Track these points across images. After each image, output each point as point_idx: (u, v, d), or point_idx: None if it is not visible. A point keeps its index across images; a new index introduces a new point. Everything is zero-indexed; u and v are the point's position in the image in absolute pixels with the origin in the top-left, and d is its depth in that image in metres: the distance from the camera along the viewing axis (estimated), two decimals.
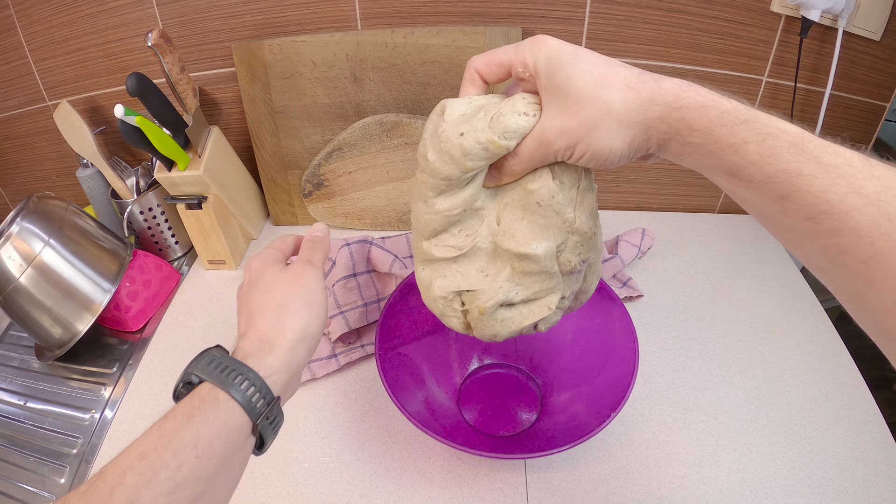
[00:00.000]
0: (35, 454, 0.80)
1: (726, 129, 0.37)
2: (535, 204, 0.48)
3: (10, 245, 0.82)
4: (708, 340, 0.86)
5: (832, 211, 0.32)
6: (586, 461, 0.72)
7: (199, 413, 0.41)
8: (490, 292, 0.51)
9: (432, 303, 0.55)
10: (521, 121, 0.46)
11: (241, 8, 0.93)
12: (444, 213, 0.50)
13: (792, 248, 0.37)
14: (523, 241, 0.49)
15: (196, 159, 0.93)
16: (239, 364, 0.44)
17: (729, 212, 1.12)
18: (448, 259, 0.53)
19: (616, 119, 0.41)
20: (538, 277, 0.51)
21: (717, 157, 0.38)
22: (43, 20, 0.96)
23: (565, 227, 0.49)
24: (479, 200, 0.51)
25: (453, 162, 0.48)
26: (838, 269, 0.33)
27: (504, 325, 0.53)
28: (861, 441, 0.73)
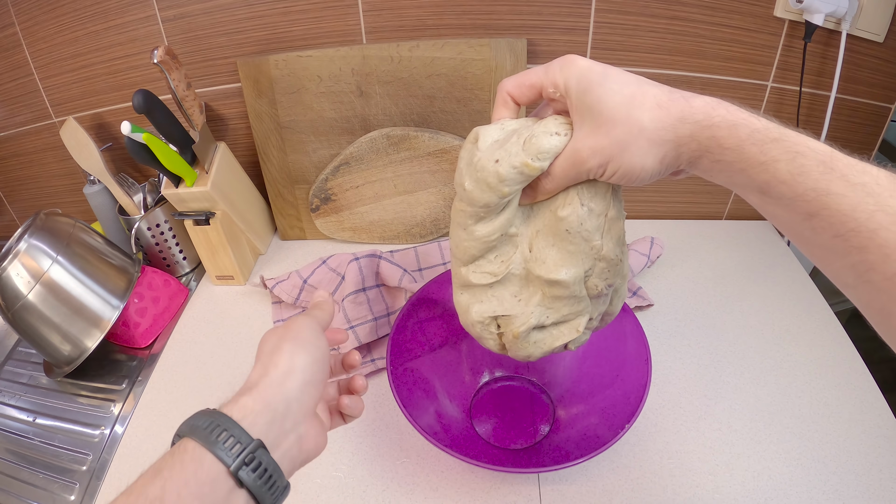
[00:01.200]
0: (45, 471, 0.79)
1: (757, 148, 0.38)
2: (564, 231, 0.50)
3: (18, 262, 0.83)
4: (719, 348, 0.86)
5: (860, 229, 0.33)
6: (600, 472, 0.71)
7: (168, 466, 0.39)
8: (523, 317, 0.55)
9: (470, 326, 0.59)
10: (554, 141, 0.47)
11: (247, 24, 0.94)
12: (483, 238, 0.53)
13: (820, 264, 0.38)
14: (553, 268, 0.52)
15: (203, 175, 0.93)
16: (211, 412, 0.42)
17: (737, 218, 1.12)
18: (485, 285, 0.55)
19: (647, 138, 0.42)
20: (567, 302, 0.53)
21: (747, 175, 0.39)
22: (48, 37, 0.97)
23: (593, 253, 0.51)
24: (513, 226, 0.53)
25: (490, 189, 0.49)
26: (865, 285, 0.34)
27: (537, 346, 0.56)
28: (876, 445, 0.72)
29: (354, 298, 0.88)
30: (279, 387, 0.45)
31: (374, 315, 0.88)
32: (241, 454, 0.40)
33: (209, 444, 0.39)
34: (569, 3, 0.89)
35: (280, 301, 0.97)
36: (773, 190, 0.37)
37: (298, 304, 0.94)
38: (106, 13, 0.93)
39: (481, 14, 0.91)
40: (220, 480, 0.39)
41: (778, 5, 0.86)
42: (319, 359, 0.49)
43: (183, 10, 0.92)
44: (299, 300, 0.94)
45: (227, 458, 0.39)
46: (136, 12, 0.93)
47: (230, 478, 0.39)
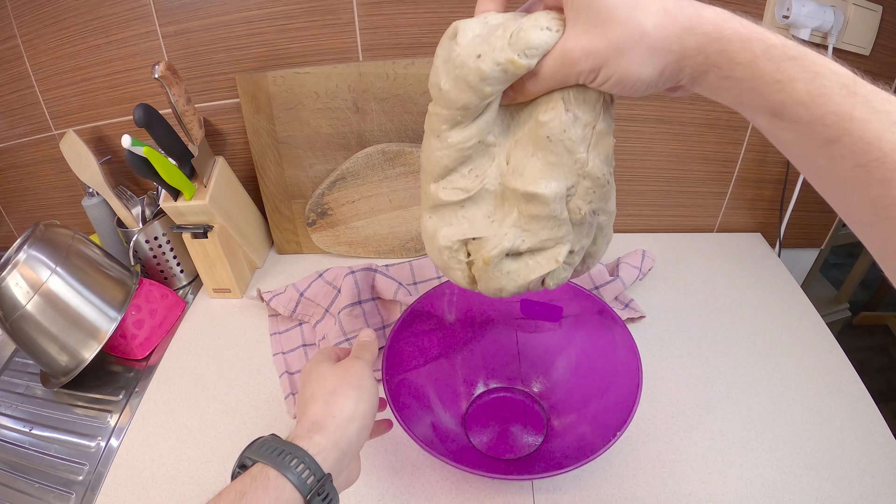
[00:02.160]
0: (40, 481, 0.79)
1: (773, 65, 0.34)
2: (545, 138, 0.45)
3: (17, 272, 0.83)
4: (711, 359, 0.87)
5: (885, 159, 0.30)
6: (594, 482, 0.72)
7: (251, 490, 0.44)
8: (495, 239, 0.48)
9: (436, 254, 0.52)
10: (544, 36, 0.41)
11: (245, 40, 0.96)
12: (458, 146, 0.47)
13: (833, 198, 0.35)
14: (531, 180, 0.46)
15: (202, 189, 0.94)
16: (289, 444, 0.47)
17: (728, 230, 1.13)
18: (455, 203, 0.49)
19: (648, 45, 0.38)
20: (546, 224, 0.47)
21: (759, 95, 0.35)
22: (49, 50, 0.98)
23: (576, 168, 0.46)
24: (491, 134, 0.47)
25: (470, 88, 0.44)
26: (883, 222, 0.31)
27: (510, 277, 0.50)
28: (868, 452, 0.73)
29: (350, 311, 0.89)
30: (344, 430, 0.51)
31: (370, 328, 0.89)
32: (315, 486, 0.46)
33: (288, 472, 0.45)
34: None
35: (276, 314, 0.98)
36: (788, 112, 0.34)
37: (295, 317, 0.95)
38: (107, 28, 0.95)
39: None
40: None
41: (765, 21, 0.88)
42: (375, 406, 0.55)
43: (183, 26, 0.94)
44: (296, 313, 0.95)
45: (304, 487, 0.45)
46: (137, 27, 0.94)
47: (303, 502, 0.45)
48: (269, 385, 0.87)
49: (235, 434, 0.81)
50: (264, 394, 0.86)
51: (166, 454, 0.79)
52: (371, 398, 0.55)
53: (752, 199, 1.09)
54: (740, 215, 1.11)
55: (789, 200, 1.04)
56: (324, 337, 0.90)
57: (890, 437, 0.75)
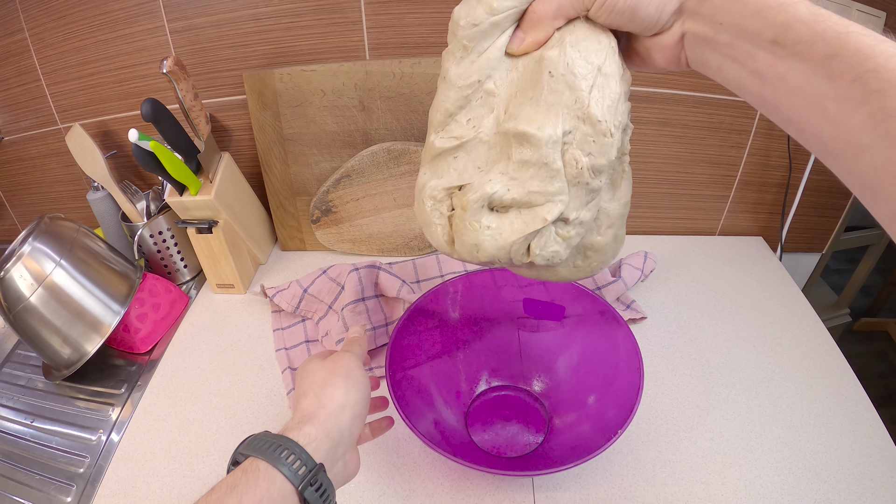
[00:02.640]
0: (42, 473, 0.80)
1: None
2: (546, 73, 0.43)
3: (21, 265, 0.84)
4: (711, 360, 0.87)
5: (880, 69, 0.31)
6: (594, 480, 0.72)
7: (242, 483, 0.44)
8: (478, 184, 0.46)
9: (420, 206, 0.49)
10: None
11: (253, 37, 0.96)
12: (458, 82, 0.46)
13: (831, 126, 0.34)
14: (524, 121, 0.44)
15: (207, 184, 0.95)
16: (279, 437, 0.48)
17: (729, 234, 1.14)
18: (448, 151, 0.48)
19: None
20: (536, 172, 0.44)
21: (763, 17, 0.36)
22: (56, 45, 0.99)
23: (576, 108, 0.43)
24: (492, 80, 0.46)
25: (480, 3, 0.44)
26: (883, 139, 0.31)
27: (489, 234, 0.46)
28: (866, 455, 0.74)
29: (353, 308, 0.89)
30: (335, 419, 0.51)
31: (373, 324, 0.89)
32: (307, 476, 0.46)
33: (279, 464, 0.45)
34: None
35: (280, 310, 0.98)
36: (790, 32, 0.35)
37: (298, 312, 0.95)
38: (115, 23, 0.95)
39: None
40: (289, 498, 0.45)
41: None
42: (366, 395, 0.56)
43: (191, 22, 0.94)
44: (299, 309, 0.95)
45: (295, 478, 0.45)
46: (145, 23, 0.95)
47: (296, 496, 0.45)
48: (271, 380, 0.88)
49: (237, 429, 0.81)
50: (266, 389, 0.86)
51: (168, 448, 0.79)
52: (361, 387, 0.55)
53: (755, 203, 1.09)
54: (742, 219, 1.12)
55: (791, 205, 1.04)
56: (327, 333, 0.91)
57: (888, 440, 0.75)
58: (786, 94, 0.36)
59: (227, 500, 0.43)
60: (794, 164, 1.02)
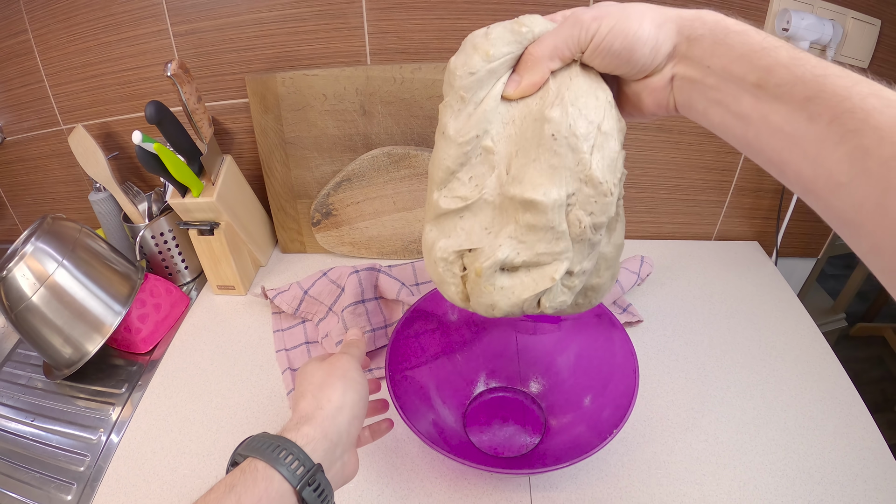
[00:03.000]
0: (42, 471, 0.80)
1: (760, 37, 0.38)
2: (549, 136, 0.44)
3: (23, 264, 0.84)
4: (707, 363, 0.88)
5: (855, 110, 0.33)
6: (590, 481, 0.73)
7: (241, 482, 0.44)
8: (489, 250, 0.48)
9: (433, 266, 0.51)
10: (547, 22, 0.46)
11: (256, 42, 0.97)
12: (458, 138, 0.47)
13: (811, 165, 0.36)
14: (530, 187, 0.45)
15: (209, 186, 0.96)
16: (277, 438, 0.48)
17: (725, 239, 1.15)
18: (454, 212, 0.49)
19: (649, 7, 0.43)
20: (543, 235, 0.46)
21: (748, 60, 0.38)
22: (60, 46, 1.00)
23: (578, 170, 0.45)
24: (490, 137, 0.48)
25: (475, 49, 0.46)
26: (860, 176, 0.32)
27: (503, 294, 0.48)
28: (860, 457, 0.74)
29: (353, 310, 0.90)
30: (333, 420, 0.52)
31: (373, 326, 0.90)
32: (305, 476, 0.46)
33: (277, 464, 0.46)
34: None
35: (280, 311, 0.99)
36: (772, 75, 0.37)
37: (298, 314, 0.96)
38: (119, 25, 0.96)
39: None
40: (287, 497, 0.45)
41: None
42: (364, 396, 0.56)
43: (195, 25, 0.95)
44: (299, 311, 0.96)
45: (293, 478, 0.46)
46: (149, 26, 0.96)
47: (294, 495, 0.46)
48: (271, 381, 0.88)
49: (237, 429, 0.82)
50: (266, 389, 0.87)
51: (168, 447, 0.79)
52: (358, 388, 0.56)
53: (750, 208, 1.10)
54: (738, 224, 1.13)
55: (786, 210, 1.06)
56: (327, 335, 0.91)
57: (882, 442, 0.76)
58: (768, 136, 0.38)
59: (226, 499, 0.43)
60: None
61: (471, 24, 0.93)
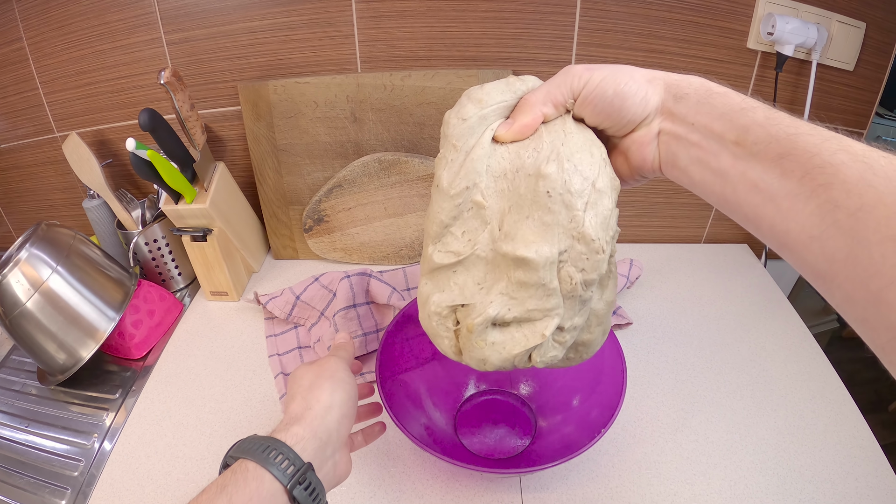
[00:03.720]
0: (36, 477, 0.80)
1: (740, 98, 0.41)
2: (544, 193, 0.45)
3: (18, 270, 0.85)
4: (696, 364, 0.89)
5: (825, 165, 0.34)
6: (580, 481, 0.73)
7: (232, 483, 0.45)
8: (480, 307, 0.48)
9: (426, 320, 0.52)
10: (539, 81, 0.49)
11: (248, 50, 0.98)
12: (450, 190, 0.48)
13: (784, 220, 0.37)
14: (522, 244, 0.46)
15: (202, 193, 0.96)
16: (267, 438, 0.49)
17: (715, 241, 1.16)
18: (447, 267, 0.50)
19: (638, 70, 0.45)
20: (534, 292, 0.47)
21: (729, 120, 0.40)
22: (55, 54, 1.00)
23: (571, 227, 0.46)
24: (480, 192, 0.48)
25: (469, 99, 0.48)
26: (830, 228, 0.34)
27: (494, 349, 0.49)
28: (851, 455, 0.75)
29: (345, 314, 0.90)
30: (322, 419, 0.52)
31: (364, 331, 0.91)
32: (295, 475, 0.47)
33: (268, 464, 0.46)
34: (552, 37, 0.94)
35: (273, 317, 0.99)
36: (750, 134, 0.39)
37: (291, 319, 0.97)
38: (113, 33, 0.97)
39: (469, 47, 0.96)
40: (278, 497, 0.46)
41: (750, 38, 0.91)
42: (352, 395, 0.57)
43: (188, 34, 0.96)
44: (291, 316, 0.96)
45: (284, 477, 0.46)
46: (142, 34, 0.97)
47: (286, 494, 0.46)
48: (264, 386, 0.89)
49: (230, 433, 0.82)
50: (259, 394, 0.87)
51: (161, 452, 0.80)
52: (347, 388, 0.57)
53: None
54: (727, 226, 1.14)
55: None
56: (319, 339, 0.92)
57: (873, 440, 0.77)
58: (745, 192, 0.39)
59: (217, 499, 0.44)
60: None
61: (459, 31, 0.95)
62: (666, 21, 0.91)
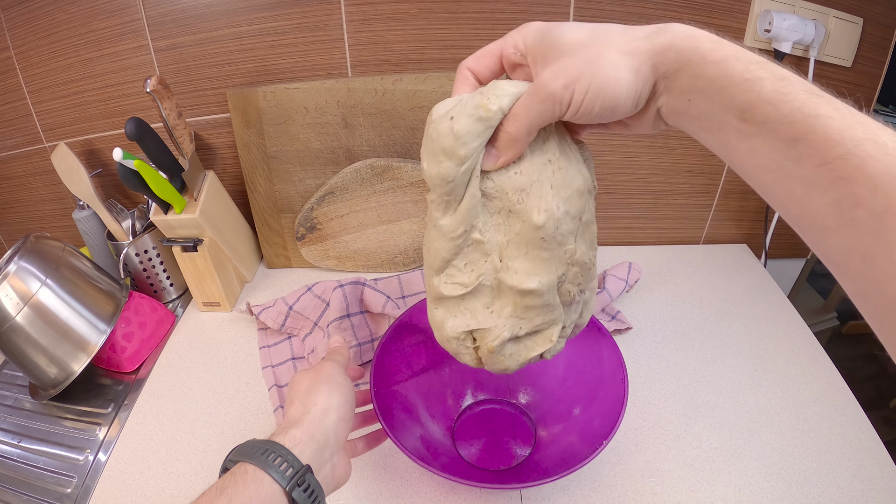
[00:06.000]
0: (29, 493, 0.79)
1: (742, 65, 0.35)
2: (539, 239, 0.47)
3: (7, 284, 0.84)
4: (698, 368, 0.87)
5: (848, 156, 0.30)
6: (582, 492, 0.72)
7: (231, 485, 0.46)
8: (496, 330, 0.53)
9: (446, 343, 0.57)
10: (513, 85, 0.44)
11: (236, 56, 0.97)
12: (449, 234, 0.50)
13: (798, 205, 0.34)
14: (525, 278, 0.49)
15: (192, 203, 0.95)
16: (265, 442, 0.50)
17: (714, 242, 1.15)
18: (456, 297, 0.53)
19: (618, 48, 0.39)
20: (540, 311, 0.52)
21: (729, 94, 0.35)
22: (42, 63, 0.99)
23: (566, 258, 0.50)
24: (477, 230, 0.50)
25: (446, 155, 0.45)
26: (849, 224, 0.31)
27: (512, 358, 0.55)
28: (856, 457, 0.74)
29: (339, 324, 0.89)
30: (319, 422, 0.53)
31: (359, 340, 0.89)
32: (294, 476, 0.47)
33: (266, 466, 0.47)
34: None
35: (266, 328, 0.98)
36: (756, 112, 0.34)
37: (284, 330, 0.95)
38: (100, 42, 0.96)
39: (461, 49, 0.95)
40: (277, 498, 0.46)
41: (747, 35, 0.90)
42: (349, 399, 0.58)
43: (175, 41, 0.95)
44: (285, 326, 0.95)
45: (282, 479, 0.47)
46: (130, 42, 0.95)
47: (285, 496, 0.47)
48: (258, 398, 0.87)
49: (224, 446, 0.80)
50: (253, 406, 0.86)
51: (155, 467, 0.78)
52: (343, 391, 0.57)
53: (738, 211, 1.10)
54: (726, 227, 1.13)
55: (774, 211, 1.06)
56: (313, 350, 0.91)
57: (878, 441, 0.76)
58: (754, 168, 0.36)
59: (217, 501, 0.44)
60: None
61: (450, 33, 0.93)
62: (661, 20, 0.89)
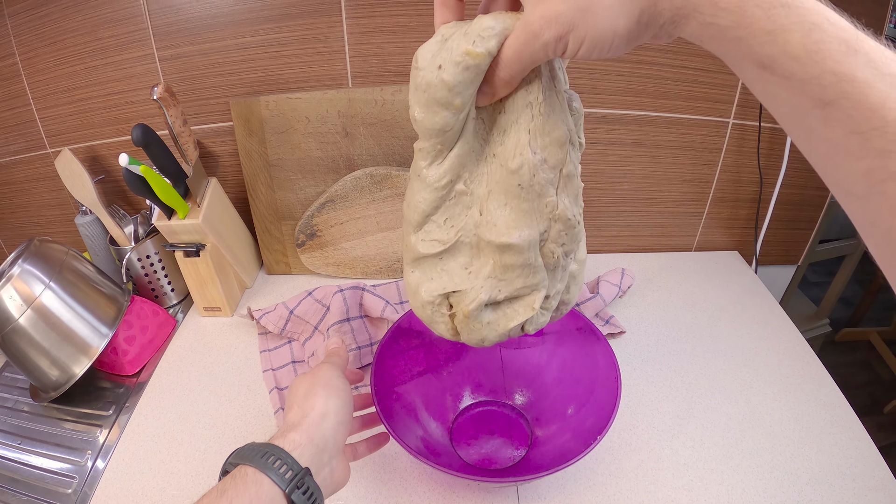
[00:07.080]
0: (30, 494, 0.79)
1: (762, 12, 0.30)
2: (516, 187, 0.45)
3: (10, 286, 0.84)
4: (690, 371, 0.89)
5: (887, 128, 0.27)
6: (578, 490, 0.73)
7: (231, 487, 0.46)
8: (473, 292, 0.49)
9: (420, 309, 0.53)
10: (499, 20, 0.40)
11: (240, 66, 0.99)
12: (434, 183, 0.47)
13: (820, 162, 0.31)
14: (504, 231, 0.46)
15: (195, 208, 0.96)
16: (265, 445, 0.50)
17: (705, 249, 1.17)
18: (434, 256, 0.50)
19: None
20: (521, 272, 0.48)
21: (746, 46, 0.31)
22: (47, 70, 1.00)
23: (547, 211, 0.47)
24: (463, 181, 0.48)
25: (441, 105, 0.43)
26: (877, 196, 0.28)
27: (490, 328, 0.51)
28: (847, 457, 0.75)
29: (339, 328, 0.90)
30: (318, 426, 0.54)
31: (358, 344, 0.91)
32: (294, 479, 0.48)
33: (266, 469, 0.47)
34: None
35: (266, 332, 0.99)
36: (779, 67, 0.30)
37: (284, 334, 0.96)
38: (105, 50, 0.97)
39: None
40: (277, 500, 0.47)
41: None
42: (347, 402, 0.58)
43: (179, 50, 0.97)
44: (285, 330, 0.96)
45: (282, 482, 0.47)
46: (135, 50, 0.97)
47: (284, 498, 0.47)
48: (258, 401, 0.88)
49: (225, 449, 0.81)
50: (254, 409, 0.87)
51: (156, 469, 0.79)
52: (341, 395, 0.58)
53: (729, 218, 1.13)
54: (717, 234, 1.15)
55: (764, 219, 1.08)
56: (313, 354, 0.92)
57: (869, 441, 0.78)
58: (775, 112, 0.33)
59: (218, 503, 0.45)
60: (765, 180, 1.05)
61: None
62: None
